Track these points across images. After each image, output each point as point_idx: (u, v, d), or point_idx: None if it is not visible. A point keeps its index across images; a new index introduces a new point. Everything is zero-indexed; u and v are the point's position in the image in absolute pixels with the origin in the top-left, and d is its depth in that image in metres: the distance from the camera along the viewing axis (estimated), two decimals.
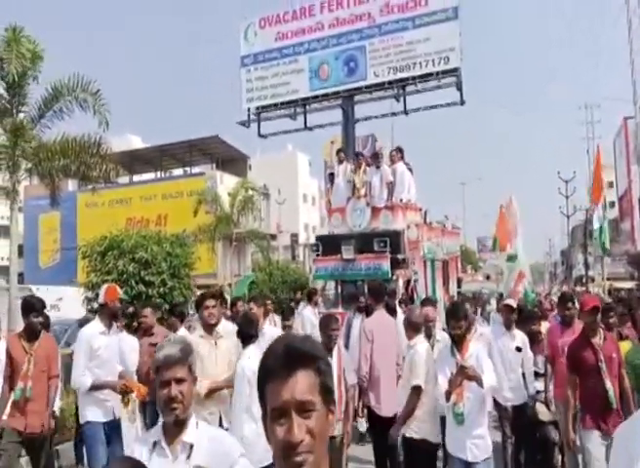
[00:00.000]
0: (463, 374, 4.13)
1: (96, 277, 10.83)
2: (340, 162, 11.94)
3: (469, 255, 67.23)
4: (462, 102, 15.15)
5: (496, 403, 5.39)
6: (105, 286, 5.59)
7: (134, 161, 35.26)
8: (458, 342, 4.47)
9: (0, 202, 12.86)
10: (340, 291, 11.42)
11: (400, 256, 10.52)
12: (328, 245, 11.32)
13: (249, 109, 17.46)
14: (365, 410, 6.09)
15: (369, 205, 11.11)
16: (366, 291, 9.72)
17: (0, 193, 12.08)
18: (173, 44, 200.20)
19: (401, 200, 11.22)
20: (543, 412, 5.91)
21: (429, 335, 5.50)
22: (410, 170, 11.70)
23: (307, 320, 9.87)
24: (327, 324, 4.99)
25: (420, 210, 12.12)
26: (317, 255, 11.51)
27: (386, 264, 10.36)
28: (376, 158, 11.44)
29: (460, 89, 15.00)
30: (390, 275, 10.25)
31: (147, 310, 6.72)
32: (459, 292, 12.94)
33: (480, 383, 4.15)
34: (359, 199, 11.21)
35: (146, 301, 9.11)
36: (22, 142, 10.98)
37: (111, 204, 34.60)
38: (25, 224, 38.43)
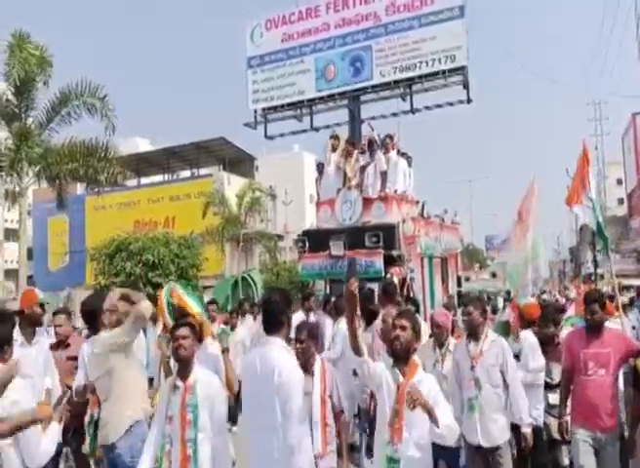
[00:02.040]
0: (411, 402, 2.98)
1: (104, 279, 10.96)
2: (334, 150, 10.87)
3: (477, 254, 67.09)
4: (469, 101, 15.08)
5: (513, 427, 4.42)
6: (23, 289, 4.87)
7: (141, 163, 35.36)
8: (397, 357, 3.38)
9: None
10: (328, 290, 10.24)
11: (394, 253, 9.58)
12: (315, 240, 10.33)
13: (255, 111, 17.45)
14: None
15: (360, 196, 10.17)
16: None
17: (6, 199, 12.18)
18: (179, 46, 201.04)
19: (395, 191, 10.32)
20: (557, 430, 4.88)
21: (441, 344, 4.77)
22: (408, 158, 10.95)
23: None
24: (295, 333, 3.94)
25: (417, 202, 11.16)
26: (303, 252, 10.49)
27: (379, 261, 9.39)
28: (370, 145, 10.54)
29: (466, 87, 14.93)
30: (384, 273, 9.19)
31: (61, 318, 5.26)
32: (459, 292, 11.98)
33: (434, 421, 3.04)
34: (350, 189, 10.24)
35: (60, 307, 7.18)
36: (25, 147, 11.05)
37: (119, 206, 34.75)
38: (34, 227, 38.66)
